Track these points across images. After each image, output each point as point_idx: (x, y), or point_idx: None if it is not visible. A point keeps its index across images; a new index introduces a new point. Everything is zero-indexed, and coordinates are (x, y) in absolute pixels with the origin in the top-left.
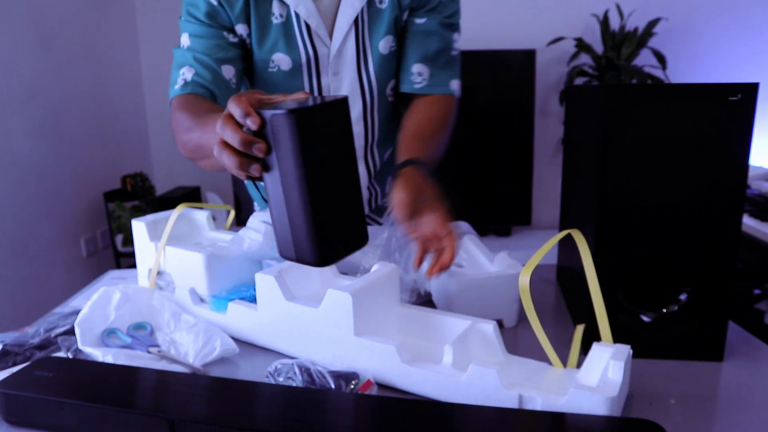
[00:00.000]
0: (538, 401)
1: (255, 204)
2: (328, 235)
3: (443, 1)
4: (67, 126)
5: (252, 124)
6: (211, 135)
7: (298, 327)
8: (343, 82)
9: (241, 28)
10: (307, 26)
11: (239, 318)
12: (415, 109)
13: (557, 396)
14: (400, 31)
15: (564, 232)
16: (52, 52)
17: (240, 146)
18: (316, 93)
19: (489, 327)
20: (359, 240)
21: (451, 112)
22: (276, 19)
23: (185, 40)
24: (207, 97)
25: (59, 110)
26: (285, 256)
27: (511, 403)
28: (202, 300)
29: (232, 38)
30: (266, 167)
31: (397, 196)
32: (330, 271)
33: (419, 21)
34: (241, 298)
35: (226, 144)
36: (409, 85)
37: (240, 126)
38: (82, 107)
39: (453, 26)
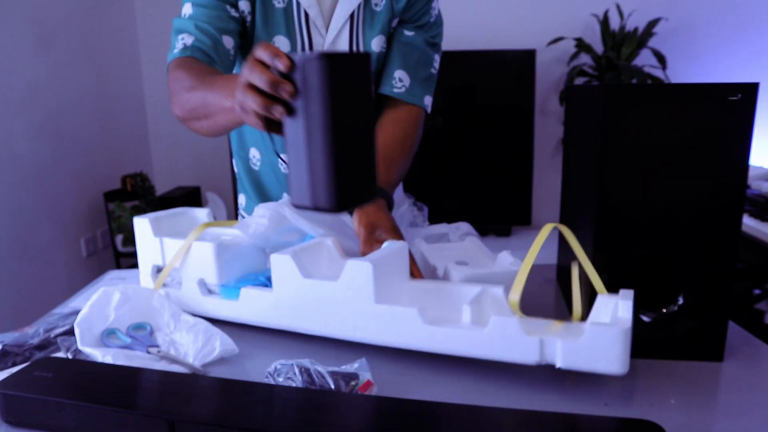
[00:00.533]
0: (558, 344)
1: (239, 206)
2: (345, 181)
3: (431, 23)
4: (67, 126)
5: (281, 65)
6: (218, 93)
7: (317, 303)
8: None
9: (243, 5)
10: (306, 15)
11: (253, 303)
12: (387, 123)
13: (576, 337)
14: (388, 36)
15: (549, 226)
16: (52, 52)
17: (267, 86)
18: None
19: (499, 291)
20: (370, 193)
21: (420, 127)
22: (278, 3)
23: (187, 9)
24: (206, 63)
25: (59, 110)
26: (298, 204)
27: (532, 349)
28: (210, 291)
29: (233, 13)
30: (289, 111)
31: (356, 229)
32: (337, 253)
33: (408, 33)
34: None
35: (250, 86)
36: (389, 88)
37: (267, 68)
38: (82, 107)
39: (435, 46)
